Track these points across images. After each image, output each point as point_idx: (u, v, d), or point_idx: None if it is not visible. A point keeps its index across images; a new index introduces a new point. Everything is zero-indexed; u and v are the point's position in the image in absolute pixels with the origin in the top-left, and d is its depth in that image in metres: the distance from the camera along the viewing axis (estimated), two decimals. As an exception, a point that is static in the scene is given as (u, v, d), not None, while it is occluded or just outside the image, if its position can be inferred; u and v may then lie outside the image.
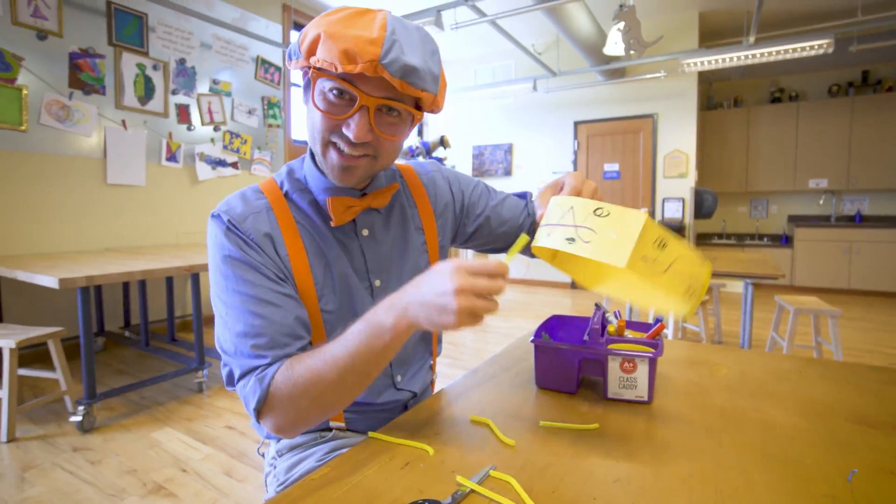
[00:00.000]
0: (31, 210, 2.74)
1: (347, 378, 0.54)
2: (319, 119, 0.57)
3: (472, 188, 0.82)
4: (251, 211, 0.61)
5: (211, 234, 0.61)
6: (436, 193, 0.77)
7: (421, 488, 0.48)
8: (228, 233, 0.59)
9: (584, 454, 0.54)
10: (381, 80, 0.55)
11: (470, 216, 0.81)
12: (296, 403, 0.54)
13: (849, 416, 0.64)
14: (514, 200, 0.84)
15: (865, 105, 5.20)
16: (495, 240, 0.83)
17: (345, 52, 0.52)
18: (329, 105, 0.56)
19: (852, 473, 0.49)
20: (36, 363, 2.68)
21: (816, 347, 2.64)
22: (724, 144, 5.88)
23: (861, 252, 5.05)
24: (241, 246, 0.59)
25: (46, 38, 2.76)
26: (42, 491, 1.53)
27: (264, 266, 0.59)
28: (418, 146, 4.87)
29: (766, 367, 0.83)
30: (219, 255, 0.59)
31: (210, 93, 3.65)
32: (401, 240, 0.72)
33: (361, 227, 0.68)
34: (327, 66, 0.53)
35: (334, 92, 0.56)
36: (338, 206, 0.63)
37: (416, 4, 4.17)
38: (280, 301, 0.59)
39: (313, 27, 0.55)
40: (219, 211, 0.61)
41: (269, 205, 0.63)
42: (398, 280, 0.70)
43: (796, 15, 4.46)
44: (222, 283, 0.59)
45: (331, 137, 0.58)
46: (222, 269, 0.59)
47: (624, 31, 3.06)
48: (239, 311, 0.57)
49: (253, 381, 0.55)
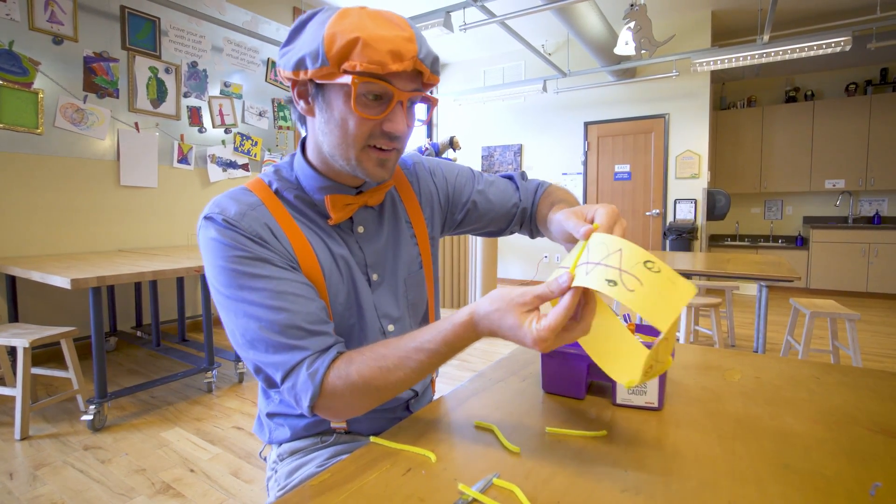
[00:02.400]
0: (45, 212, 2.79)
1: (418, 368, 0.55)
2: (357, 123, 0.56)
3: (455, 175, 0.81)
4: (246, 208, 0.59)
5: (206, 238, 0.58)
6: (419, 186, 0.77)
7: (422, 496, 0.47)
8: (227, 231, 0.57)
9: (591, 462, 0.53)
10: (412, 74, 0.56)
11: (457, 204, 0.80)
12: (352, 402, 0.55)
13: (871, 425, 0.61)
14: (504, 184, 0.83)
15: (884, 104, 5.08)
16: (486, 224, 0.82)
17: (392, 52, 0.52)
18: (366, 108, 0.56)
19: (875, 487, 0.47)
20: (50, 362, 2.73)
21: (833, 352, 2.57)
22: (737, 145, 5.79)
23: (879, 254, 4.93)
24: (244, 243, 0.57)
25: (62, 42, 2.81)
26: (53, 489, 1.55)
27: (273, 258, 0.58)
28: (428, 147, 4.86)
29: (782, 372, 0.80)
30: (221, 257, 0.57)
31: (221, 95, 3.69)
32: (393, 235, 0.72)
33: (357, 224, 0.68)
34: (374, 69, 0.52)
35: (371, 95, 0.55)
36: (337, 204, 0.63)
37: (425, 5, 4.17)
38: (300, 290, 0.58)
39: (342, 33, 0.52)
40: (211, 213, 0.58)
41: (261, 200, 0.62)
42: (393, 274, 0.71)
43: (812, 12, 4.37)
44: (232, 285, 0.56)
45: (369, 139, 0.58)
46: (228, 270, 0.56)
47: (635, 30, 3.02)
48: (257, 310, 0.55)
49: (303, 378, 0.55)
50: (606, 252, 0.49)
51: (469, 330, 0.53)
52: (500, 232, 0.85)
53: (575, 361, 0.69)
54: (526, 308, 0.49)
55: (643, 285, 0.46)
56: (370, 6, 0.57)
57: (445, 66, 6.28)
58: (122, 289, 3.15)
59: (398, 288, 0.71)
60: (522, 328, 0.49)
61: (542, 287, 0.49)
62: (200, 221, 0.59)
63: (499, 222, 0.82)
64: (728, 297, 3.22)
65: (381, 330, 0.69)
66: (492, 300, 0.52)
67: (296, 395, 0.55)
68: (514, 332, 0.49)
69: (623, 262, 0.47)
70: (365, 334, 0.68)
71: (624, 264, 0.47)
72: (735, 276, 2.28)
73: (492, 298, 0.52)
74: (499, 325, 0.51)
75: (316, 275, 0.62)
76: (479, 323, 0.52)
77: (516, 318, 0.49)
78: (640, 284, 0.46)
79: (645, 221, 5.19)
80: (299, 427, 0.69)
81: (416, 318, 0.75)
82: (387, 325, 0.70)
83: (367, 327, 0.68)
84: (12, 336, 1.93)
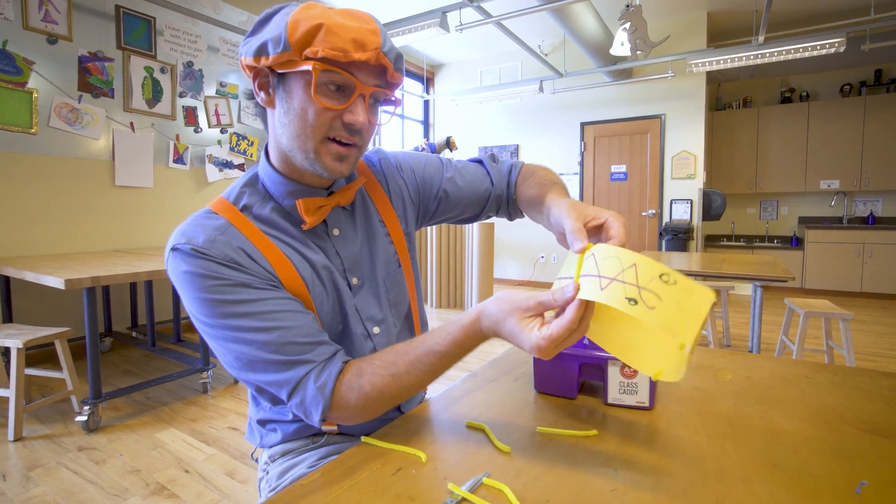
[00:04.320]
0: (40, 211, 2.77)
1: (430, 371, 0.56)
2: (316, 113, 0.55)
3: (423, 166, 0.79)
4: (214, 233, 0.56)
5: (178, 272, 0.55)
6: (388, 184, 0.76)
7: (412, 495, 0.47)
8: (199, 261, 0.54)
9: (581, 462, 0.53)
10: (375, 68, 0.56)
11: (428, 195, 0.78)
12: (365, 411, 0.56)
13: (859, 423, 0.62)
14: (473, 168, 0.81)
15: (878, 104, 5.11)
16: (461, 211, 0.81)
17: (354, 40, 0.52)
18: (326, 98, 0.55)
19: (861, 485, 0.47)
20: (44, 363, 2.71)
21: (828, 352, 2.59)
22: (733, 145, 5.82)
23: (874, 254, 4.96)
24: (218, 271, 0.54)
25: (56, 41, 2.80)
26: (47, 490, 1.54)
27: (252, 280, 0.56)
28: (424, 147, 4.86)
29: (774, 372, 0.81)
30: (197, 288, 0.54)
31: (217, 95, 3.68)
32: (368, 236, 0.71)
33: (332, 226, 0.67)
34: (334, 56, 0.52)
35: (332, 85, 0.55)
36: (309, 207, 0.61)
37: (421, 6, 4.17)
38: (286, 306, 0.57)
39: (305, 20, 0.52)
40: (177, 244, 0.55)
41: (228, 221, 0.59)
42: (372, 276, 0.70)
43: (807, 13, 4.39)
44: (214, 315, 0.54)
45: (329, 131, 0.57)
46: (208, 301, 0.54)
47: (630, 31, 3.03)
48: (246, 335, 0.54)
49: (312, 392, 0.55)
50: (620, 267, 0.48)
51: (476, 330, 0.54)
52: (475, 218, 0.84)
53: (567, 361, 0.69)
54: (529, 313, 0.50)
55: (662, 301, 0.45)
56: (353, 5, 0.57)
57: (442, 67, 6.29)
58: (117, 289, 3.13)
59: (379, 289, 0.71)
60: (522, 333, 0.49)
61: (547, 295, 0.49)
62: (167, 254, 0.56)
63: (473, 208, 0.81)
64: (723, 297, 3.24)
65: (366, 334, 0.68)
66: (498, 301, 0.52)
67: (305, 410, 0.55)
68: (514, 336, 0.50)
69: (640, 279, 0.47)
70: (350, 339, 0.67)
71: (640, 280, 0.46)
72: (730, 276, 2.29)
73: (498, 300, 0.52)
74: (501, 326, 0.51)
75: (299, 288, 0.60)
76: (483, 323, 0.53)
77: (517, 322, 0.50)
78: (659, 300, 0.45)
79: (641, 222, 5.20)
80: (290, 431, 0.69)
81: (400, 317, 0.74)
82: (371, 327, 0.69)
83: (351, 332, 0.67)
84: (6, 336, 1.91)
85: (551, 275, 5.64)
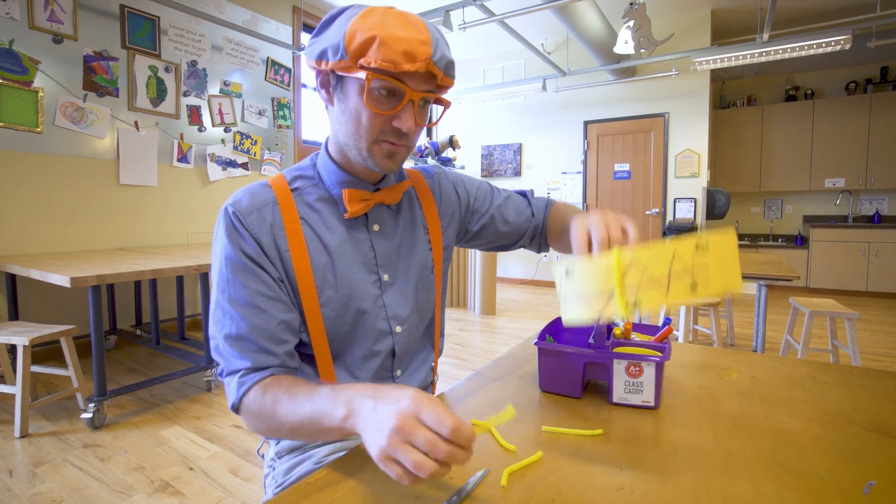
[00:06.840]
0: (45, 210, 2.79)
1: (298, 432, 0.55)
2: (369, 117, 0.60)
3: (476, 189, 0.85)
4: (257, 205, 0.64)
5: (217, 228, 0.64)
6: (441, 195, 0.80)
7: (417, 493, 0.47)
8: (231, 230, 0.62)
9: (586, 461, 0.53)
10: (425, 75, 0.59)
11: (474, 217, 0.83)
12: (258, 424, 0.59)
13: (865, 423, 0.61)
14: (518, 200, 0.86)
15: (884, 102, 5.08)
16: (499, 238, 0.86)
17: (405, 52, 0.55)
18: (378, 103, 0.59)
19: (869, 485, 0.47)
20: (49, 360, 2.73)
21: (833, 351, 2.57)
22: (737, 144, 5.79)
23: (880, 253, 4.93)
24: (240, 246, 0.62)
25: (62, 41, 2.81)
26: (52, 487, 1.56)
27: (260, 266, 0.62)
28: (427, 146, 4.86)
29: (779, 371, 0.81)
30: (220, 253, 0.63)
31: (221, 94, 3.68)
32: (409, 237, 0.74)
33: (373, 222, 0.70)
34: (387, 66, 0.55)
35: (384, 91, 0.58)
36: (353, 197, 0.66)
37: (425, 4, 4.17)
38: (266, 305, 0.61)
39: (361, 31, 0.55)
40: (227, 204, 0.64)
41: (275, 198, 0.65)
42: (405, 276, 0.72)
43: (812, 11, 4.36)
44: (219, 281, 0.63)
45: (380, 134, 0.61)
46: (221, 267, 0.62)
47: (634, 29, 3.02)
48: (228, 310, 0.61)
49: (234, 384, 0.60)
50: (665, 262, 0.51)
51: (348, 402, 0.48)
52: (510, 246, 0.88)
53: (572, 360, 0.69)
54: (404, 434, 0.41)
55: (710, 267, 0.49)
56: (371, 4, 0.59)
57: (445, 65, 6.27)
58: (121, 287, 3.15)
59: (409, 290, 0.73)
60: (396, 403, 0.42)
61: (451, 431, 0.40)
62: (220, 210, 0.65)
63: (512, 236, 0.85)
64: (727, 297, 3.22)
65: (389, 331, 0.70)
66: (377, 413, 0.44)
67: (227, 393, 0.61)
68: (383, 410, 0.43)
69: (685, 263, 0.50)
70: (367, 334, 0.68)
71: (686, 263, 0.50)
72: (734, 275, 2.27)
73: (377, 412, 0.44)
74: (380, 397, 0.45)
75: (307, 280, 0.64)
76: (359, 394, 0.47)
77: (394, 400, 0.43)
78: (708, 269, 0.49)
79: (645, 220, 5.19)
80: None
81: (424, 321, 0.77)
82: (395, 325, 0.71)
83: (369, 327, 0.68)
84: (12, 334, 1.93)
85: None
